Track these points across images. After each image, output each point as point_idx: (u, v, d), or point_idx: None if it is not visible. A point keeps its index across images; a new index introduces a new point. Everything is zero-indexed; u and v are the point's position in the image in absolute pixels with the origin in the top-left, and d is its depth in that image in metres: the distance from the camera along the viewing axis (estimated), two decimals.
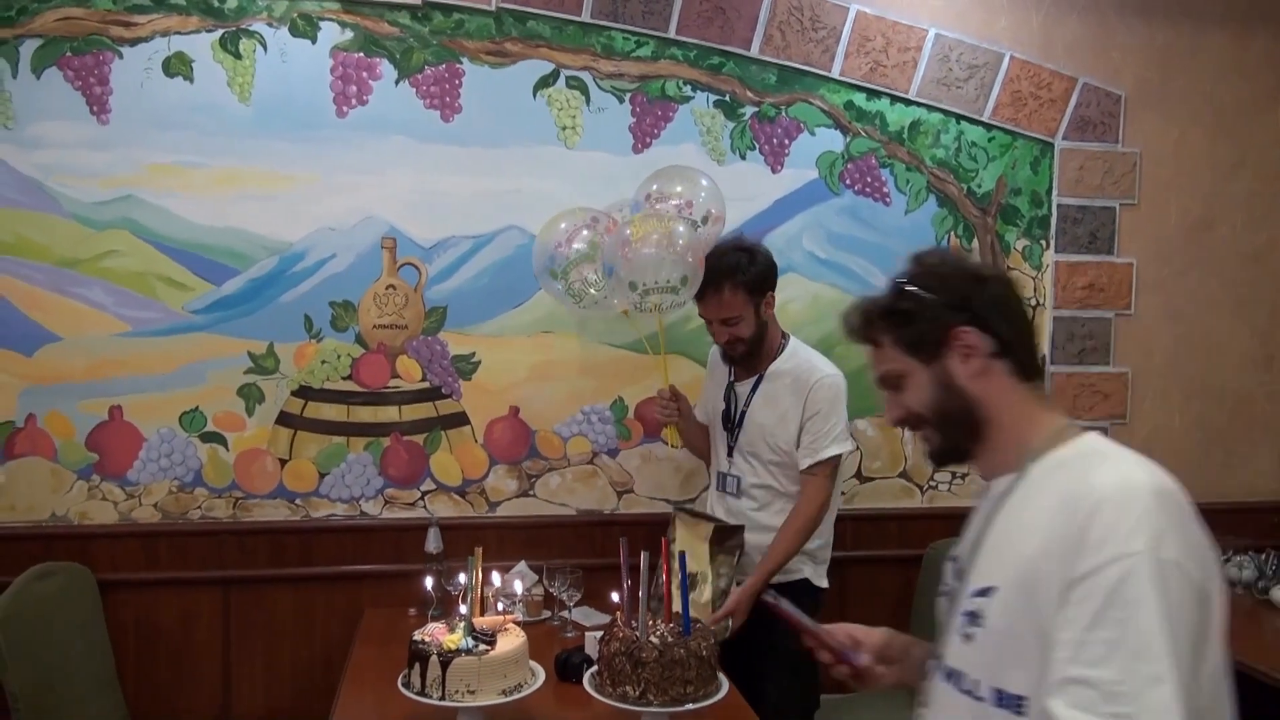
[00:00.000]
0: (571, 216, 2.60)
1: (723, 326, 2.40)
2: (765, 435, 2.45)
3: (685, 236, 2.40)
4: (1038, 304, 3.09)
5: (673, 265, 2.36)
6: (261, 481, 2.73)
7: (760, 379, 2.49)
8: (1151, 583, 0.99)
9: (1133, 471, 1.11)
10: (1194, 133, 3.15)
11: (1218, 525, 3.20)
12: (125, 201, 2.63)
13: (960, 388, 1.23)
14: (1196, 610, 1.02)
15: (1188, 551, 1.03)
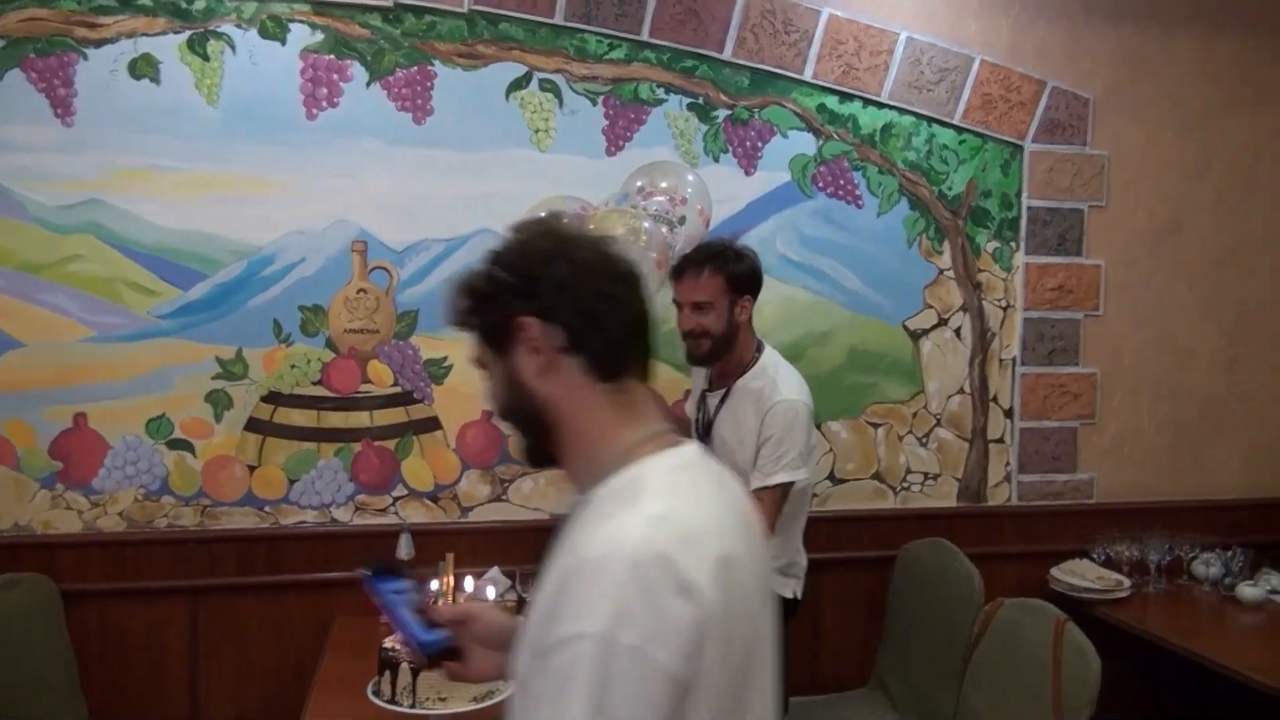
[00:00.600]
0: (551, 205, 2.58)
1: (693, 312, 2.33)
2: (728, 452, 2.36)
3: (650, 234, 2.38)
4: (1008, 305, 3.11)
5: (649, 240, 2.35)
6: (230, 489, 2.69)
7: (728, 392, 2.43)
8: (592, 670, 0.86)
9: (628, 529, 0.92)
10: (1162, 135, 3.19)
11: (1185, 523, 3.28)
12: (90, 205, 2.59)
13: (526, 386, 1.04)
14: (664, 700, 0.88)
15: (658, 634, 0.88)
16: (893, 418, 3.06)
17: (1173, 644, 2.65)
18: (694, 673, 0.90)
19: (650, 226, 2.40)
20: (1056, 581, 3.00)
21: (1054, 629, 2.12)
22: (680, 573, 0.90)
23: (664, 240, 2.43)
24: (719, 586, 0.92)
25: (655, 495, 0.97)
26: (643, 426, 1.05)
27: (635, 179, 2.57)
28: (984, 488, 3.13)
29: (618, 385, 1.04)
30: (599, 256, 1.06)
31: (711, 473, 1.08)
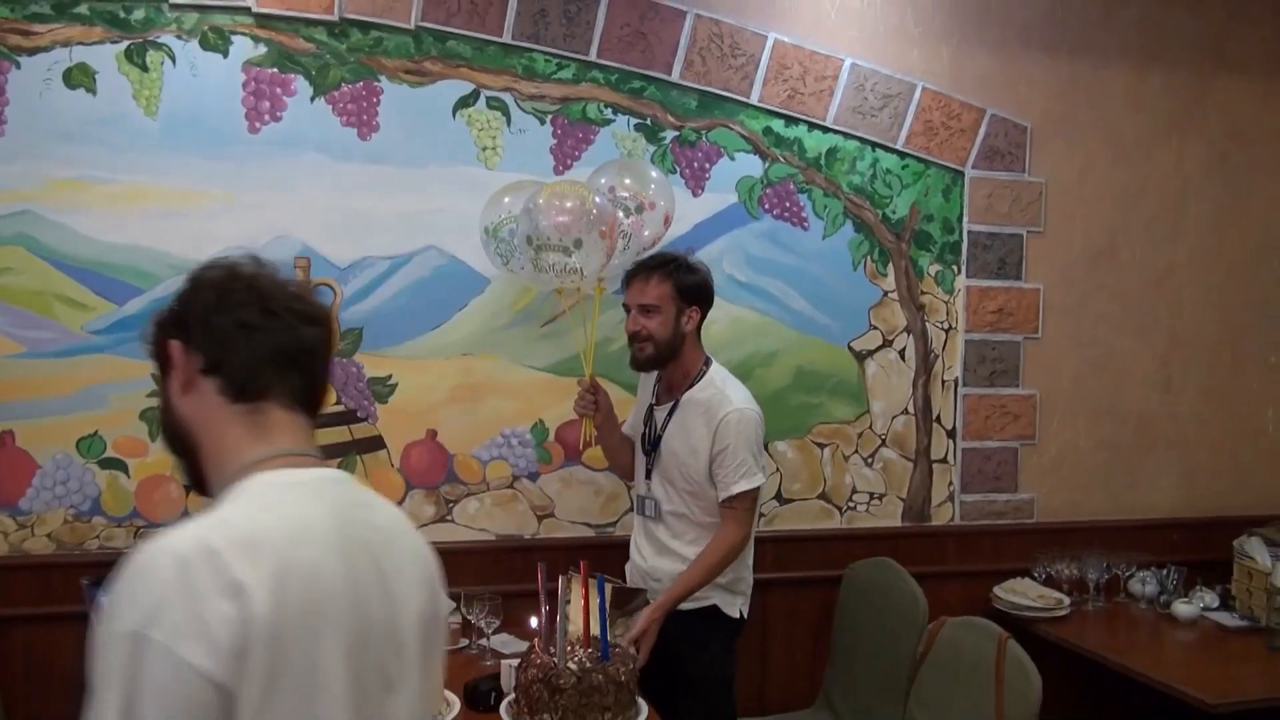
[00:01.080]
0: (517, 188, 2.57)
1: (639, 315, 2.38)
2: (678, 464, 2.42)
3: (599, 208, 2.41)
4: (950, 328, 3.16)
5: (573, 225, 2.35)
6: (165, 509, 2.62)
7: (675, 405, 2.47)
8: (122, 667, 0.89)
9: (187, 529, 0.95)
10: (1097, 163, 3.28)
11: (1123, 542, 3.33)
12: (21, 217, 2.51)
13: (172, 404, 1.11)
14: (196, 703, 0.88)
15: (192, 632, 0.88)
16: (838, 438, 3.08)
17: (1111, 661, 2.69)
18: (235, 679, 0.89)
19: (600, 201, 2.42)
20: (999, 600, 3.03)
21: (996, 646, 2.15)
22: (228, 571, 0.90)
23: (614, 218, 2.45)
24: (275, 596, 0.92)
25: (234, 503, 1.01)
26: (271, 446, 1.08)
27: (600, 176, 2.57)
28: (928, 507, 3.17)
29: (252, 407, 1.08)
30: (255, 292, 1.10)
31: (336, 495, 1.09)
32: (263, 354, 1.09)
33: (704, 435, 2.38)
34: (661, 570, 2.46)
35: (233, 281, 1.11)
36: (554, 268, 2.41)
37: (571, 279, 2.46)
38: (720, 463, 2.36)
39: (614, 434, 2.64)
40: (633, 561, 2.56)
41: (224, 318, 1.09)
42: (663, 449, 2.46)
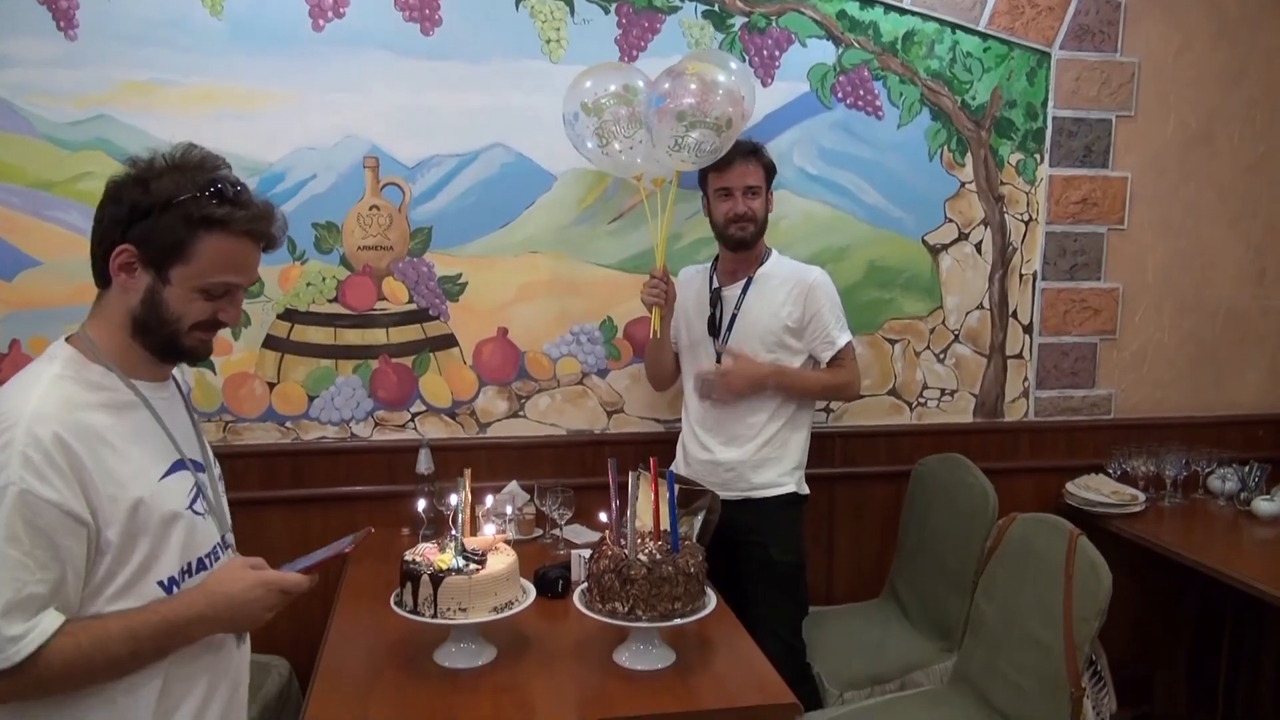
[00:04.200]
0: (604, 70, 2.55)
1: (745, 196, 2.47)
2: (759, 333, 2.51)
3: (734, 84, 2.42)
4: (1030, 219, 3.05)
5: (722, 103, 2.38)
6: (250, 405, 2.73)
7: (750, 281, 2.55)
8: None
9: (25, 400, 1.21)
10: (1196, 40, 3.07)
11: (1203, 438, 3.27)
12: (98, 121, 2.56)
13: None
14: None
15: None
16: (910, 333, 3.04)
17: (1185, 557, 2.66)
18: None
19: (732, 79, 2.43)
20: (1071, 496, 3.01)
21: (1067, 543, 2.14)
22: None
23: (742, 100, 2.45)
24: None
25: (37, 378, 1.29)
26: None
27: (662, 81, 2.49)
28: (1001, 403, 3.12)
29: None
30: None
31: None
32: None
33: (787, 300, 2.52)
34: (732, 459, 2.50)
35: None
36: (696, 146, 2.39)
37: (708, 159, 2.44)
38: (818, 324, 2.53)
39: (664, 339, 2.64)
40: (692, 456, 2.59)
41: None
42: (738, 324, 2.52)
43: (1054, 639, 2.08)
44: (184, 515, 1.32)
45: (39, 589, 1.16)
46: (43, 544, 1.16)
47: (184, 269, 1.29)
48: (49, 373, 1.25)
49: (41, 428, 1.18)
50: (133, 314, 1.30)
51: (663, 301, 2.54)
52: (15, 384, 1.26)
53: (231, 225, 1.30)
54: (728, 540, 2.41)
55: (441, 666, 1.87)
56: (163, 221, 1.26)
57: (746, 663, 1.91)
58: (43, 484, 1.16)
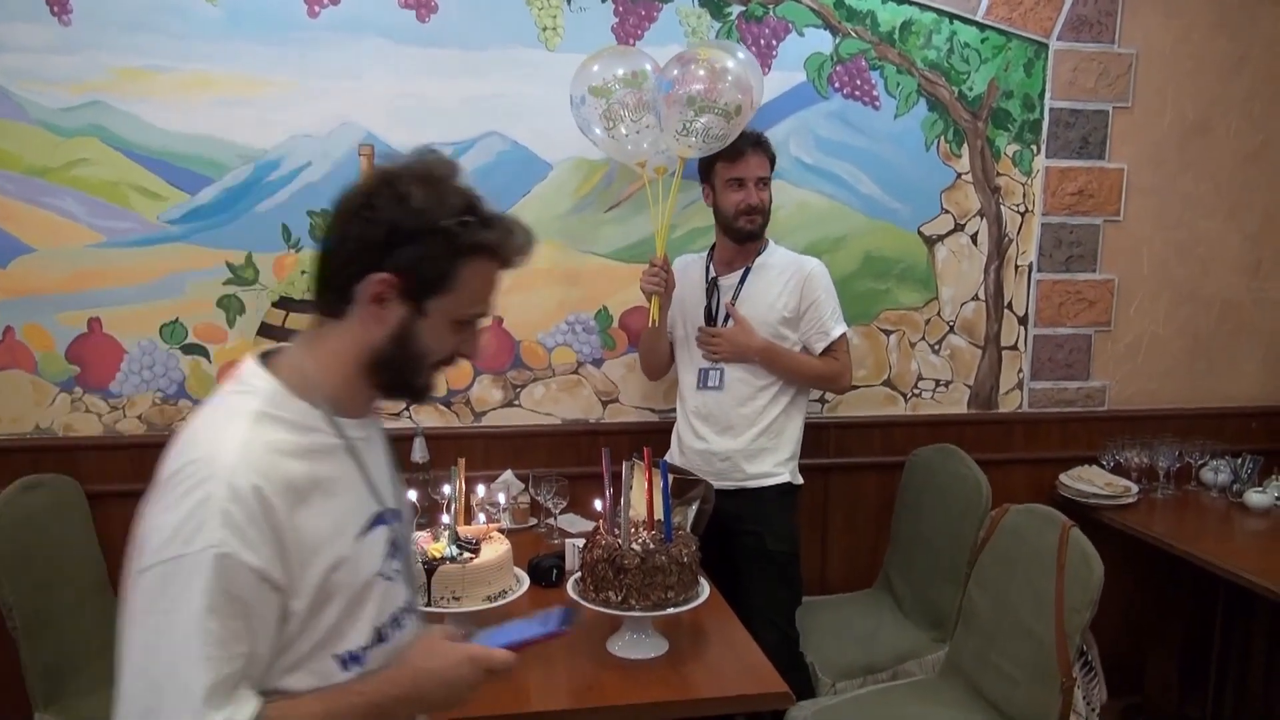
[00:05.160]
0: (612, 54, 2.55)
1: (756, 188, 2.48)
2: (756, 323, 2.52)
3: (743, 71, 2.43)
4: (1026, 210, 3.05)
5: (731, 89, 2.38)
6: None
7: (747, 271, 2.55)
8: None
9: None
10: (1195, 30, 3.06)
11: (1197, 430, 3.27)
12: (93, 108, 2.55)
13: None
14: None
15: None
16: (906, 324, 3.04)
17: (1176, 548, 2.67)
18: None
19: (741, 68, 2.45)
20: (1065, 487, 3.02)
21: (1059, 534, 2.15)
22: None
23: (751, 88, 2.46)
24: None
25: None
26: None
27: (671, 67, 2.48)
28: (995, 394, 3.13)
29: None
30: None
31: None
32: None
33: (784, 290, 2.53)
34: (728, 449, 2.51)
35: None
36: (705, 131, 2.39)
37: (715, 145, 2.44)
38: (814, 313, 2.54)
39: (661, 329, 2.64)
40: (687, 446, 2.59)
41: None
42: (735, 312, 2.53)
43: (1045, 629, 2.09)
44: (378, 580, 1.14)
45: (235, 666, 0.99)
46: (239, 614, 0.98)
47: (444, 300, 1.11)
48: (247, 409, 1.06)
49: (243, 480, 0.99)
50: (374, 349, 1.11)
51: (662, 290, 2.53)
52: (208, 422, 1.08)
53: (499, 253, 1.14)
54: (722, 530, 2.42)
55: None
56: (429, 247, 1.08)
57: (739, 652, 1.92)
58: (245, 547, 0.98)
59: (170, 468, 1.02)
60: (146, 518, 1.02)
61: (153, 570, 0.98)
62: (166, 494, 1.00)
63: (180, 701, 0.95)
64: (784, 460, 2.56)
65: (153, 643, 0.97)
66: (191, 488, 0.99)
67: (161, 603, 0.97)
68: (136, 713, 0.97)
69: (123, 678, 0.98)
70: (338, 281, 1.10)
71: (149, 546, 0.99)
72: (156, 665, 0.97)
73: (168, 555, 0.97)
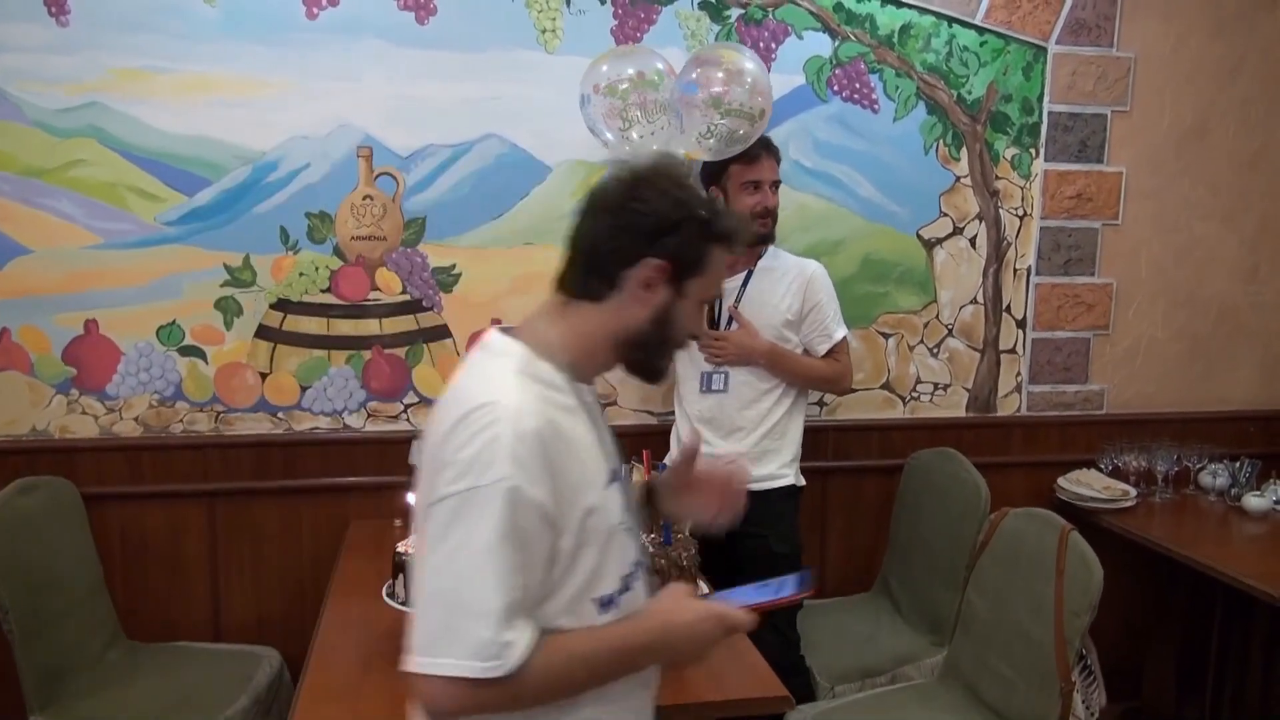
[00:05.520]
0: (624, 54, 2.53)
1: (771, 191, 2.49)
2: (759, 326, 2.52)
3: (762, 75, 2.44)
4: (1025, 214, 3.05)
5: (755, 94, 2.38)
6: (243, 395, 2.72)
7: (750, 274, 2.55)
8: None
9: None
10: (1192, 35, 3.07)
11: (1195, 434, 3.27)
12: (90, 109, 2.54)
13: None
14: None
15: None
16: (904, 327, 3.04)
17: (1175, 552, 2.67)
18: None
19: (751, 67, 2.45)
20: (1063, 491, 3.02)
21: (1059, 538, 2.15)
22: None
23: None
24: None
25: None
26: None
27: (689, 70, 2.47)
28: (994, 398, 3.13)
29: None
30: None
31: None
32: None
33: (787, 293, 2.53)
34: (733, 452, 2.51)
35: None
36: (729, 135, 2.39)
37: (736, 147, 2.43)
38: (816, 316, 2.55)
39: None
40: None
41: None
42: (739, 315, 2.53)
43: (1044, 633, 2.09)
44: (619, 530, 1.21)
45: (517, 595, 1.07)
46: (522, 546, 1.07)
47: (697, 282, 1.23)
48: (508, 368, 1.16)
49: (526, 423, 1.08)
50: (633, 329, 1.22)
51: None
52: (475, 376, 1.18)
53: (735, 239, 1.25)
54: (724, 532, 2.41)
55: None
56: (689, 235, 1.19)
57: (739, 655, 1.91)
58: (529, 482, 1.07)
59: (453, 414, 1.10)
60: (437, 457, 1.11)
61: (448, 500, 1.07)
62: (457, 434, 1.09)
63: (478, 616, 1.04)
64: (788, 462, 2.56)
65: (450, 564, 1.06)
66: (481, 428, 1.07)
67: (457, 528, 1.06)
68: (435, 628, 1.06)
69: (421, 595, 1.08)
70: (605, 268, 1.21)
71: (443, 479, 1.08)
72: (454, 583, 1.05)
73: (462, 486, 1.06)
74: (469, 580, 1.05)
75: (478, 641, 1.03)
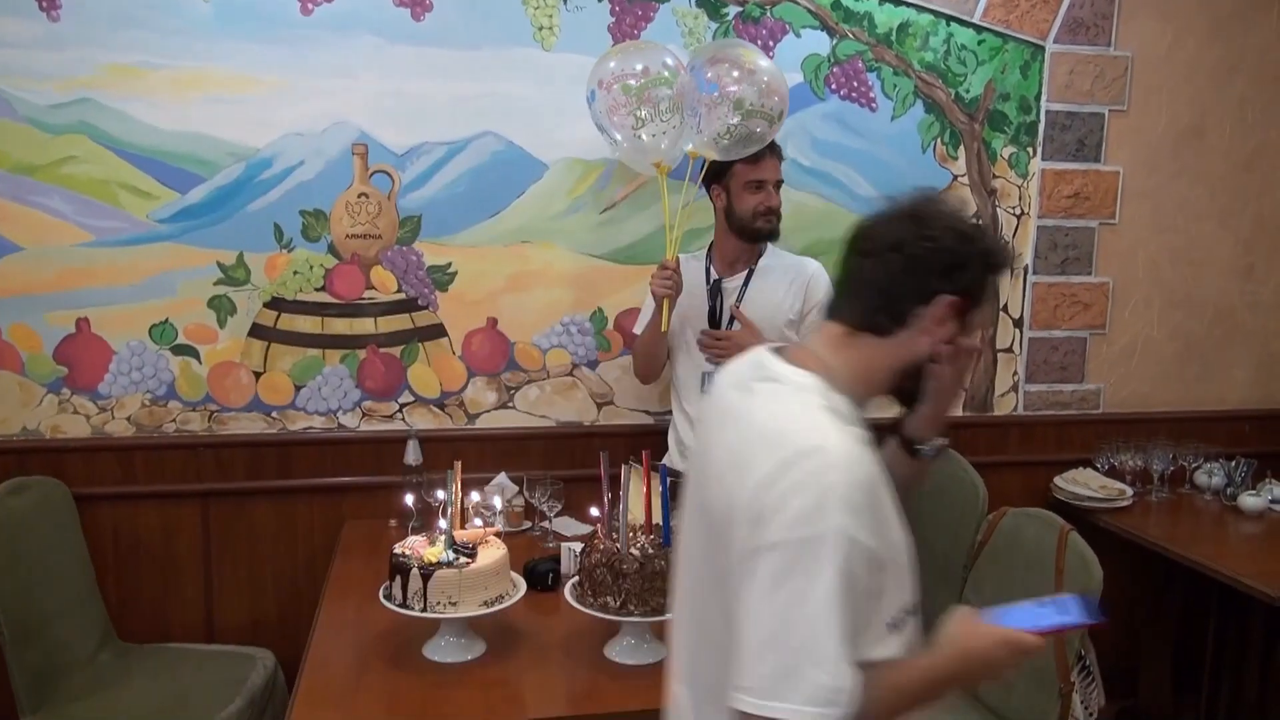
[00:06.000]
0: (636, 50, 2.44)
1: (775, 190, 2.49)
2: (761, 325, 2.50)
3: (779, 74, 2.44)
4: (1022, 213, 3.05)
5: (773, 94, 2.37)
6: (236, 395, 2.69)
7: (751, 273, 2.54)
8: None
9: None
10: (1189, 35, 3.07)
11: (1191, 433, 3.27)
12: (82, 105, 2.51)
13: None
14: None
15: None
16: None
17: (1172, 551, 2.67)
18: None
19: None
20: (1060, 490, 3.02)
21: (1058, 538, 2.14)
22: None
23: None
24: None
25: None
26: None
27: (706, 68, 2.43)
28: (991, 397, 3.12)
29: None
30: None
31: None
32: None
33: (788, 293, 2.53)
34: None
35: None
36: (747, 135, 2.37)
37: (752, 147, 2.41)
38: (818, 315, 2.47)
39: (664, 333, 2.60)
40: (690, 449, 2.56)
41: None
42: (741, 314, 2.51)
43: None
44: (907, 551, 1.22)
45: (849, 638, 1.07)
46: (853, 590, 1.07)
47: (978, 314, 1.23)
48: (814, 404, 1.15)
49: (857, 471, 1.08)
50: (913, 362, 1.22)
51: (673, 293, 2.49)
52: (784, 414, 1.16)
53: (1010, 269, 1.31)
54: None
55: (431, 660, 1.85)
56: (975, 269, 1.20)
57: None
58: (862, 530, 1.06)
59: (775, 456, 1.10)
60: (757, 499, 1.09)
61: (783, 548, 1.06)
62: (784, 479, 1.08)
63: (817, 663, 1.04)
64: None
65: (788, 611, 1.05)
66: (813, 475, 1.07)
67: (794, 577, 1.05)
68: (773, 672, 1.05)
69: (752, 641, 1.07)
70: (895, 305, 1.20)
71: (774, 525, 1.07)
72: (792, 630, 1.05)
73: (798, 535, 1.05)
74: (807, 627, 1.04)
75: (816, 687, 1.04)
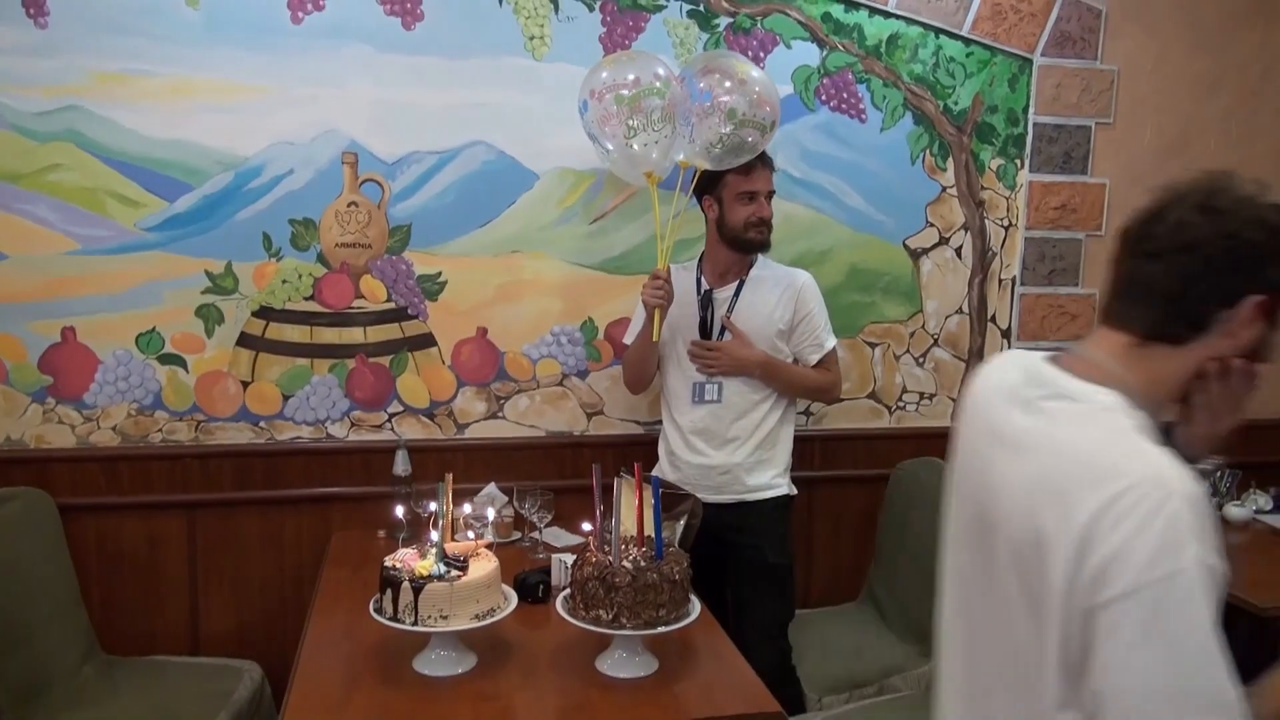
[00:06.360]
0: (628, 60, 2.42)
1: (767, 201, 2.49)
2: (752, 336, 2.50)
3: (771, 84, 2.45)
4: (1010, 225, 3.07)
5: (763, 104, 2.37)
6: (223, 404, 2.67)
7: (742, 284, 2.54)
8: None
9: None
10: (1173, 49, 3.10)
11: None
12: (69, 112, 2.49)
13: None
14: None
15: None
16: (890, 337, 3.04)
17: None
18: None
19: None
20: None
21: None
22: None
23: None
24: None
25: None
26: None
27: (699, 77, 2.42)
28: None
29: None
30: None
31: None
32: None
33: (779, 303, 2.53)
34: (728, 462, 2.49)
35: None
36: (739, 146, 2.37)
37: (744, 157, 2.41)
38: (808, 325, 2.55)
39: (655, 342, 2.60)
40: (682, 460, 2.56)
41: None
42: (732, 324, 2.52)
43: None
44: None
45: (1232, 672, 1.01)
46: (1219, 618, 1.00)
47: None
48: (1126, 426, 1.09)
49: (1195, 493, 1.01)
50: (1194, 372, 1.15)
51: (665, 303, 2.49)
52: (1097, 440, 1.09)
53: None
54: (717, 542, 2.40)
55: (421, 674, 1.84)
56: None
57: (730, 669, 1.90)
58: (1214, 554, 1.00)
59: (1101, 492, 1.02)
60: (1089, 540, 1.02)
61: (1142, 592, 0.98)
62: (1123, 517, 1.00)
63: (1220, 709, 0.97)
64: (781, 471, 2.56)
65: (1174, 659, 0.98)
66: (1155, 508, 0.99)
67: (1168, 620, 0.98)
68: None
69: (1128, 700, 0.99)
70: (1194, 311, 1.11)
71: (1127, 569, 0.99)
72: (1180, 681, 0.98)
73: (1158, 575, 0.98)
74: (1201, 673, 0.98)
75: None
